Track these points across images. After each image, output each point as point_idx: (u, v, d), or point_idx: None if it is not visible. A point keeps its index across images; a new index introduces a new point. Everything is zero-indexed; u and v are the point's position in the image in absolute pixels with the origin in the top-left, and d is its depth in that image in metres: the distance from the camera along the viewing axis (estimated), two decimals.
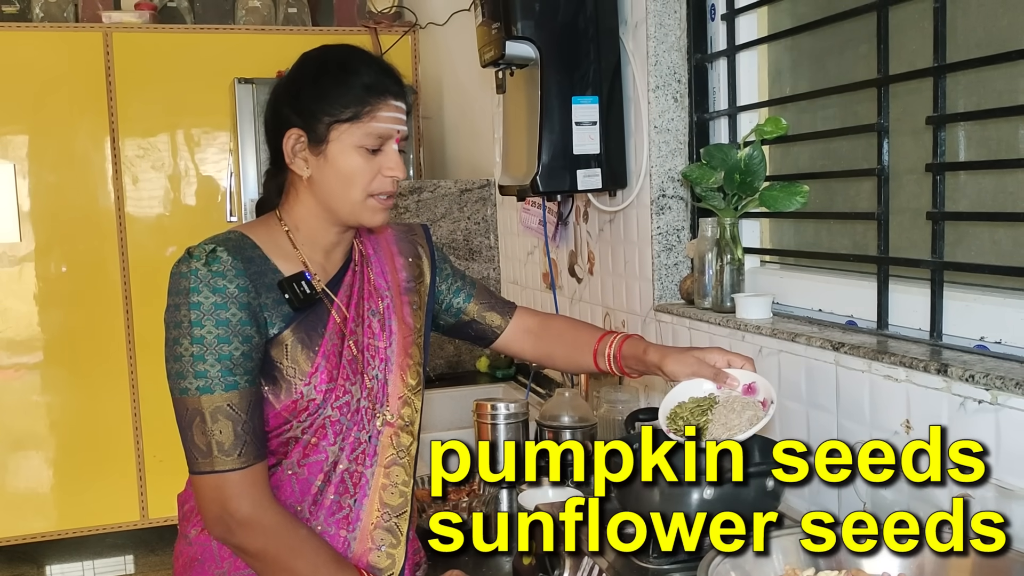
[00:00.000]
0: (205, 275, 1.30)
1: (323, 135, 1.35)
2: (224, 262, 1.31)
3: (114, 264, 4.14)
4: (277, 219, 1.43)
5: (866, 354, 1.39)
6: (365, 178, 1.36)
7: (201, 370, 1.28)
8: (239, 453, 1.30)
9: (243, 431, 1.30)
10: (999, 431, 1.17)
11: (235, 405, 1.29)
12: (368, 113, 1.35)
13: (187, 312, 1.29)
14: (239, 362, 1.30)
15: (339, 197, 1.37)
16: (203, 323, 1.28)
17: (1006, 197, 1.39)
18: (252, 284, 1.33)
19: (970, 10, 1.42)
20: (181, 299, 1.30)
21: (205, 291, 1.29)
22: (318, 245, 1.43)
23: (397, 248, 1.57)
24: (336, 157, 1.35)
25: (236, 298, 1.30)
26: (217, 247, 1.32)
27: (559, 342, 1.68)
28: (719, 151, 1.80)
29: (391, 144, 1.38)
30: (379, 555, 1.42)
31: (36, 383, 4.12)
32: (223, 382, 1.29)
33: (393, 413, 1.47)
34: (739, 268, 1.81)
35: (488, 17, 2.13)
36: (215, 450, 1.29)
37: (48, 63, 4.03)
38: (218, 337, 1.29)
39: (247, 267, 1.33)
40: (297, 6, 4.47)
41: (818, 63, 1.78)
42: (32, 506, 4.13)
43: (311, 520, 1.38)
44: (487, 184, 3.34)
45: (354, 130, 1.35)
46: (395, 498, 1.45)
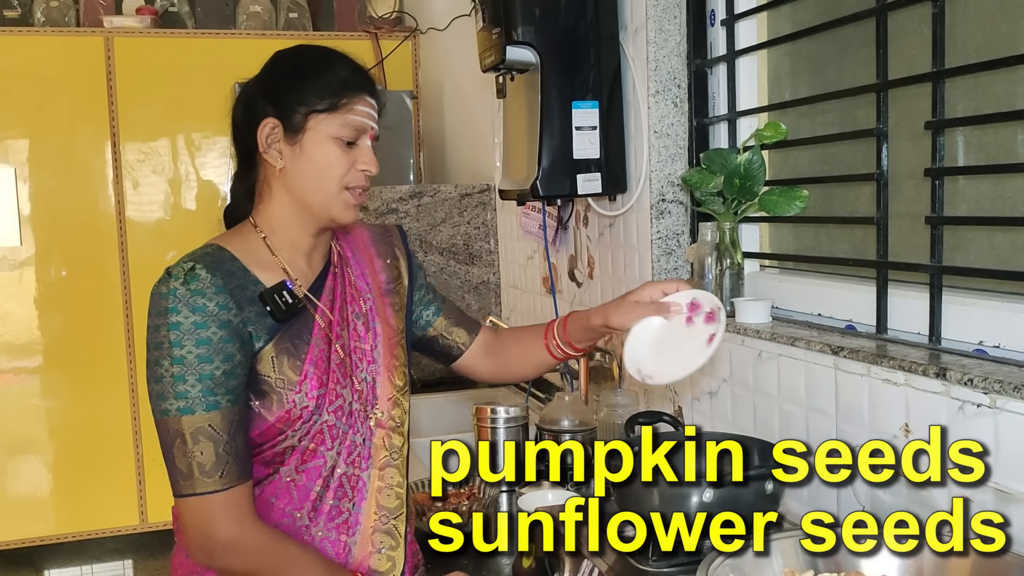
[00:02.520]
0: (184, 294, 1.27)
1: (299, 125, 1.35)
2: (203, 280, 1.29)
3: (114, 268, 4.14)
4: (252, 226, 1.41)
5: (865, 358, 1.40)
6: (340, 169, 1.36)
7: (182, 391, 1.26)
8: (220, 474, 1.27)
9: (225, 452, 1.28)
10: (998, 435, 1.18)
11: (216, 426, 1.27)
12: (345, 105, 1.36)
13: (167, 333, 1.27)
14: (220, 381, 1.28)
15: (313, 188, 1.37)
16: (183, 343, 1.26)
17: (1004, 202, 1.39)
18: (234, 300, 1.31)
19: (969, 15, 1.42)
20: (161, 320, 1.28)
21: (184, 311, 1.27)
22: (297, 248, 1.42)
23: (375, 250, 1.56)
24: (312, 147, 1.36)
25: (216, 316, 1.28)
26: (196, 265, 1.30)
27: (512, 350, 1.68)
28: (719, 156, 1.81)
29: (365, 139, 1.39)
30: (379, 558, 1.41)
31: (36, 387, 4.12)
32: (204, 402, 1.26)
33: (384, 413, 1.46)
34: (739, 272, 1.82)
35: (488, 22, 2.14)
36: (196, 472, 1.27)
37: (49, 67, 4.04)
38: (199, 357, 1.27)
39: (227, 282, 1.31)
40: (298, 11, 4.48)
41: (817, 68, 1.79)
42: (31, 510, 4.12)
43: (311, 526, 1.38)
44: (487, 189, 3.34)
45: (331, 120, 1.35)
46: (391, 500, 1.45)
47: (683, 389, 1.96)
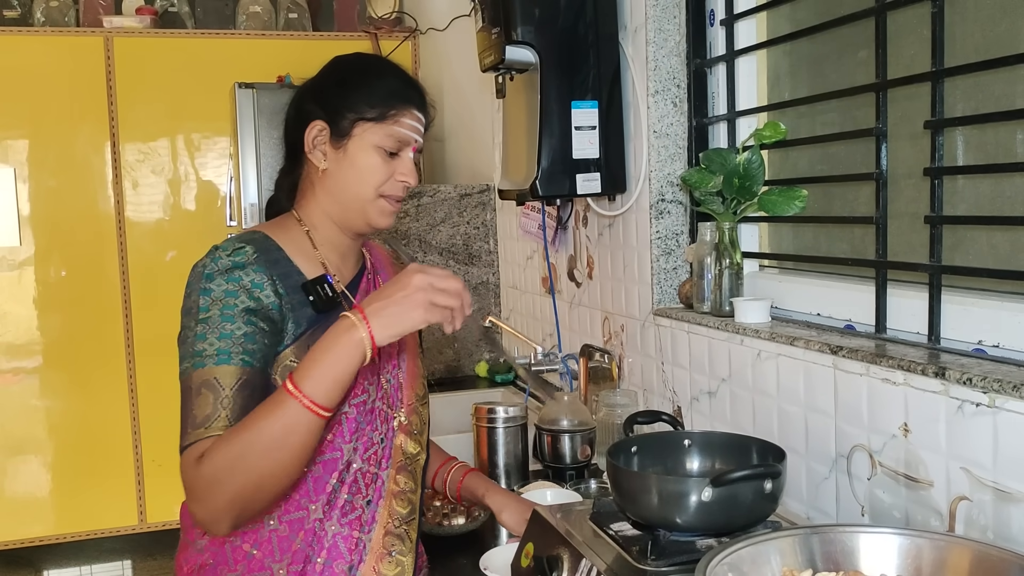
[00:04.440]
0: (225, 264, 1.31)
1: (346, 130, 1.40)
2: (247, 256, 1.33)
3: (114, 268, 4.15)
4: (296, 219, 1.45)
5: (864, 357, 1.39)
6: (379, 177, 1.40)
7: (200, 348, 1.27)
8: (206, 427, 1.22)
9: (220, 405, 1.23)
10: (996, 434, 1.17)
11: (221, 380, 1.25)
12: (392, 116, 1.40)
13: (198, 298, 1.30)
14: (239, 340, 1.28)
15: (352, 192, 1.41)
16: (211, 308, 1.29)
17: (1004, 201, 1.39)
18: (273, 285, 1.33)
19: (968, 15, 1.42)
20: (195, 286, 1.31)
21: (219, 279, 1.30)
22: (335, 247, 1.46)
23: (392, 270, 1.61)
24: (355, 153, 1.40)
25: (249, 291, 1.31)
26: (245, 245, 1.34)
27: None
28: (718, 156, 1.81)
29: (408, 151, 1.43)
30: (390, 561, 1.43)
31: (35, 387, 4.12)
32: (216, 357, 1.26)
33: (406, 417, 1.50)
34: (738, 272, 1.82)
35: (488, 22, 2.14)
36: (188, 426, 1.23)
37: (49, 67, 4.04)
38: (222, 317, 1.28)
39: (271, 268, 1.34)
40: (298, 11, 4.48)
41: (817, 68, 1.79)
42: (31, 510, 4.12)
43: (325, 520, 1.39)
44: (487, 189, 3.34)
45: (377, 130, 1.40)
46: (404, 506, 1.47)
47: (682, 389, 1.96)
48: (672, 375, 2.00)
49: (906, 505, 1.33)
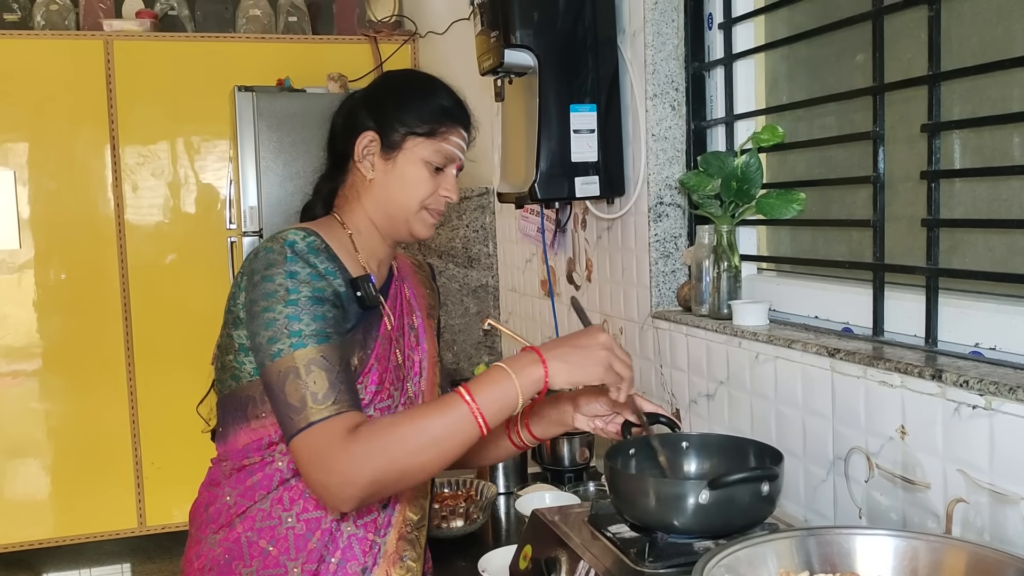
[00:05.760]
0: (302, 249, 1.33)
1: (397, 143, 1.44)
2: (318, 244, 1.36)
3: (113, 271, 4.15)
4: (338, 222, 1.47)
5: (861, 360, 1.40)
6: (425, 191, 1.44)
7: (296, 329, 1.28)
8: (333, 401, 1.24)
9: (337, 380, 1.26)
10: (993, 436, 1.18)
11: (329, 357, 1.27)
12: (442, 133, 1.45)
13: (283, 280, 1.31)
14: (331, 321, 1.31)
15: (397, 203, 1.45)
16: (300, 289, 1.30)
17: (1000, 204, 1.40)
18: (341, 277, 1.36)
19: (965, 19, 1.43)
20: (275, 270, 1.31)
21: (300, 262, 1.32)
22: (373, 253, 1.49)
23: (416, 278, 1.64)
24: (404, 166, 1.44)
25: (323, 276, 1.33)
26: (312, 235, 1.36)
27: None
28: (716, 159, 1.81)
29: (452, 168, 1.48)
30: (402, 567, 1.43)
31: (35, 390, 4.12)
32: (316, 337, 1.28)
33: None
34: (736, 275, 1.82)
35: (487, 26, 2.14)
36: (309, 401, 1.24)
37: (49, 71, 4.05)
38: (311, 299, 1.30)
39: (333, 261, 1.37)
40: (297, 15, 4.49)
41: (814, 72, 1.79)
42: (30, 513, 4.12)
43: (341, 522, 1.39)
44: (486, 192, 3.35)
45: (426, 145, 1.44)
46: (416, 512, 1.48)
47: (680, 391, 1.96)
48: (670, 377, 2.00)
49: (903, 507, 1.33)
